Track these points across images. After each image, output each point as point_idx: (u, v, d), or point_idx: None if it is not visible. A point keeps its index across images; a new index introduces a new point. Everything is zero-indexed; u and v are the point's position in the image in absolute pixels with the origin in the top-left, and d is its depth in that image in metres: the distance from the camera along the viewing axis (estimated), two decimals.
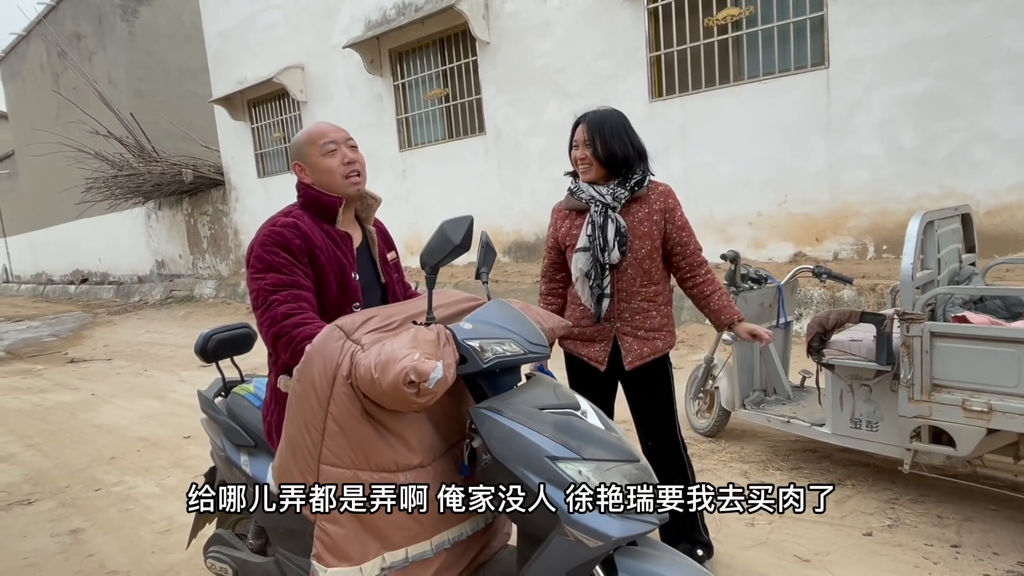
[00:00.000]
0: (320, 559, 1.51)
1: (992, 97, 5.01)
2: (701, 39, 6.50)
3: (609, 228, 2.13)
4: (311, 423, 1.49)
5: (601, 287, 2.17)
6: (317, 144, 1.82)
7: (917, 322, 2.45)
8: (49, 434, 4.98)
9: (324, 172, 1.82)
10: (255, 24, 11.36)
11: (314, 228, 1.80)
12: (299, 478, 1.53)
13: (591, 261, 2.15)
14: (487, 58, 8.30)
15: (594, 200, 2.16)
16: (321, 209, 1.84)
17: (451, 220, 1.55)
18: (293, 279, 1.70)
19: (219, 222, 13.55)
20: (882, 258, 5.66)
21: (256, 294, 1.70)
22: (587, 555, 1.37)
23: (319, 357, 1.47)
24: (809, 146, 5.94)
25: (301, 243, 1.74)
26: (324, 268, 1.77)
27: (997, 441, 2.45)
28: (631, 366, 2.23)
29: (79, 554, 2.96)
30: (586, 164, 2.18)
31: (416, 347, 1.40)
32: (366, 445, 1.50)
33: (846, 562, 2.37)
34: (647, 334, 2.24)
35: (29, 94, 19.97)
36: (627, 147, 2.15)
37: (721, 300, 2.27)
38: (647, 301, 2.23)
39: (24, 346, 10.16)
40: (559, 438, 1.45)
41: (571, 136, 2.23)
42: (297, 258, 1.72)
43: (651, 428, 2.31)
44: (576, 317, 2.28)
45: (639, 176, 2.17)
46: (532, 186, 8.10)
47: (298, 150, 1.86)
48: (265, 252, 1.72)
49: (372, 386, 1.38)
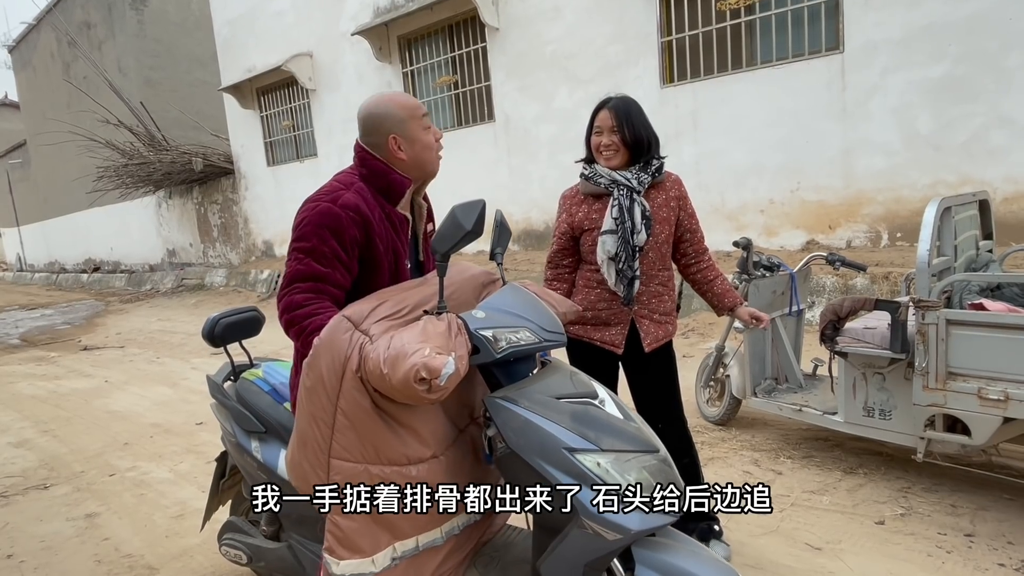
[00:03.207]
0: (332, 552, 1.50)
1: (1011, 81, 4.91)
2: (713, 24, 6.41)
3: (636, 210, 2.14)
4: (320, 418, 1.47)
5: (633, 269, 2.17)
6: (418, 118, 1.71)
7: (933, 309, 2.41)
8: (64, 420, 5.04)
9: (426, 148, 1.72)
10: (263, 11, 11.32)
11: (376, 209, 1.69)
12: (309, 472, 1.51)
13: (620, 243, 2.14)
14: (496, 44, 8.23)
15: (617, 184, 2.16)
16: (389, 188, 1.72)
17: (462, 205, 1.48)
18: (328, 272, 1.63)
19: (229, 211, 13.60)
20: (896, 246, 5.59)
21: (288, 272, 1.66)
22: (605, 548, 1.34)
23: (327, 351, 1.44)
24: (823, 132, 5.86)
25: (357, 233, 1.64)
26: (379, 256, 1.70)
27: (1013, 430, 2.42)
28: (650, 348, 2.27)
29: (94, 538, 3.00)
30: (612, 150, 2.17)
31: (426, 340, 1.36)
32: (376, 439, 1.47)
33: (858, 551, 2.36)
34: (661, 317, 2.31)
35: (40, 83, 20.06)
36: (649, 133, 2.18)
37: (723, 285, 2.38)
38: (662, 285, 2.30)
39: (38, 334, 10.28)
40: (577, 429, 1.41)
41: (591, 122, 2.21)
42: (347, 250, 1.63)
43: (661, 410, 2.35)
44: (591, 301, 2.27)
45: (660, 163, 2.21)
46: (542, 173, 8.06)
47: (398, 122, 1.69)
48: (315, 233, 1.61)
49: (382, 381, 1.36)
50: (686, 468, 2.40)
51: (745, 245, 3.23)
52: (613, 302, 2.25)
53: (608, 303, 2.25)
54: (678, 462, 2.35)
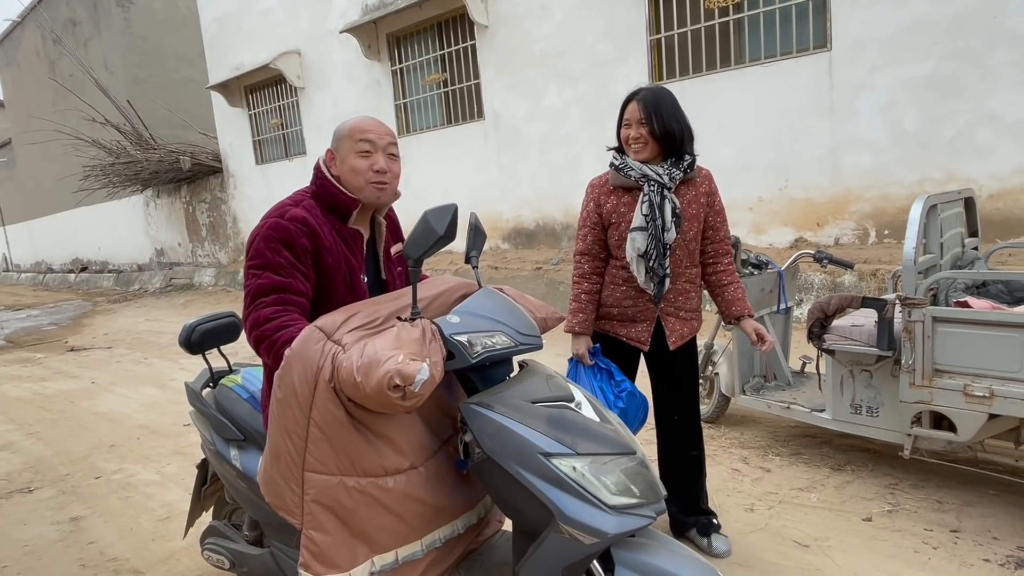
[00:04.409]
0: (307, 568, 1.46)
1: (997, 79, 4.94)
2: (702, 21, 6.42)
3: (666, 207, 2.09)
4: (293, 430, 1.43)
5: (664, 267, 2.13)
6: (354, 139, 1.70)
7: (919, 307, 2.42)
8: (49, 422, 4.98)
9: (350, 170, 1.70)
10: (251, 9, 11.24)
11: (324, 224, 1.68)
12: (283, 487, 1.47)
13: (650, 240, 2.10)
14: (486, 42, 8.21)
15: (648, 179, 2.10)
16: (335, 206, 1.72)
17: (434, 209, 1.46)
18: (288, 281, 1.60)
19: (217, 210, 13.50)
20: (883, 243, 5.62)
21: (248, 291, 1.63)
22: (583, 552, 1.34)
23: (299, 361, 1.40)
24: (811, 130, 5.88)
25: (307, 243, 1.63)
26: (331, 270, 1.67)
27: (998, 426, 2.43)
28: (675, 345, 2.26)
29: (79, 541, 2.97)
30: (641, 143, 2.12)
31: (400, 347, 1.33)
32: (352, 450, 1.44)
33: (846, 547, 2.37)
34: (687, 314, 2.29)
35: (25, 81, 19.82)
36: (682, 127, 2.12)
37: (736, 292, 2.31)
38: (689, 282, 2.27)
39: (24, 335, 10.16)
40: (553, 433, 1.41)
41: (620, 114, 2.18)
42: (300, 259, 1.62)
43: (680, 404, 2.37)
44: (616, 298, 2.26)
45: (692, 158, 2.16)
46: (532, 172, 8.05)
47: (337, 138, 1.74)
48: (267, 247, 1.61)
49: (356, 390, 1.33)
50: (694, 460, 2.41)
51: (734, 243, 3.22)
52: (639, 299, 2.22)
53: (634, 300, 2.23)
54: (688, 454, 2.39)
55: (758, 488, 2.86)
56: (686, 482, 2.39)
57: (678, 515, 2.42)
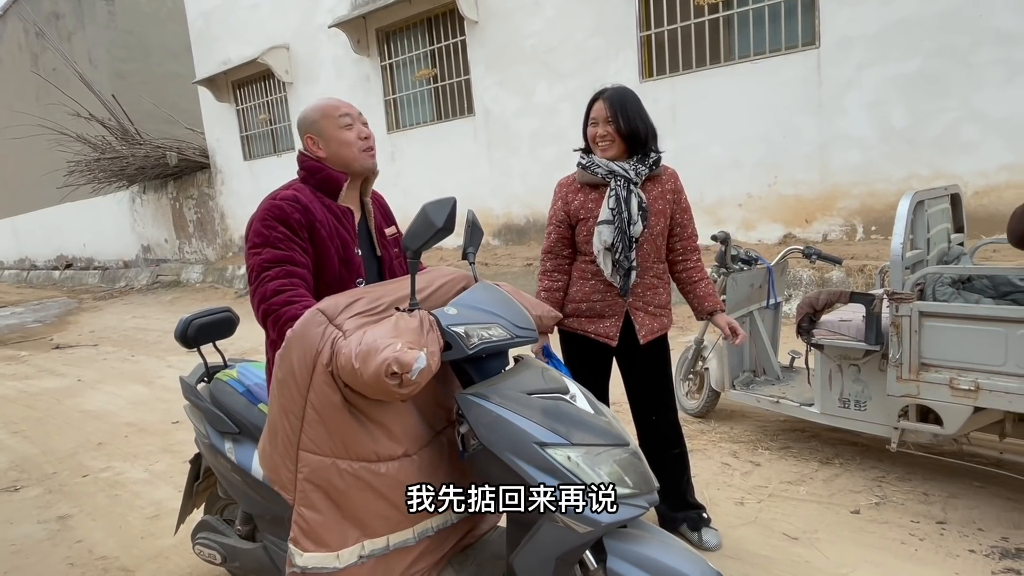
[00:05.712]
0: (296, 543, 1.50)
1: (983, 77, 5.00)
2: (692, 18, 6.44)
3: (633, 201, 2.14)
4: (290, 410, 1.47)
5: (629, 260, 2.17)
6: (333, 117, 1.81)
7: (906, 302, 2.45)
8: (35, 420, 4.93)
9: (342, 144, 1.81)
10: (238, 3, 11.13)
11: (315, 202, 1.78)
12: (279, 464, 1.51)
13: (617, 233, 2.14)
14: (476, 38, 8.18)
15: (615, 175, 2.16)
16: (325, 183, 1.82)
17: (433, 202, 1.50)
18: (288, 255, 1.68)
19: (205, 206, 13.38)
20: (871, 239, 5.68)
21: (251, 269, 1.69)
22: (576, 541, 1.36)
23: (299, 343, 1.44)
24: (800, 127, 5.92)
25: (301, 217, 1.71)
26: (326, 243, 1.75)
27: (983, 419, 2.47)
28: (645, 340, 2.27)
29: (67, 540, 2.94)
30: (607, 141, 2.17)
31: (398, 336, 1.36)
32: (345, 434, 1.47)
33: (834, 539, 2.39)
34: (656, 310, 2.31)
35: (7, 75, 19.51)
36: (646, 125, 2.18)
37: (707, 288, 2.36)
38: (657, 278, 2.30)
39: (8, 332, 10.03)
40: (548, 424, 1.43)
41: (587, 113, 2.22)
42: (296, 233, 1.70)
43: (654, 403, 2.38)
44: (585, 293, 2.27)
45: (657, 155, 2.21)
46: (523, 168, 8.04)
47: (311, 123, 1.83)
48: (263, 226, 1.70)
49: (354, 376, 1.36)
50: (676, 459, 2.42)
51: (723, 239, 3.25)
52: (608, 293, 2.25)
53: (603, 295, 2.25)
54: (668, 452, 2.40)
55: (748, 482, 2.89)
56: (671, 480, 2.40)
57: (667, 512, 2.42)
